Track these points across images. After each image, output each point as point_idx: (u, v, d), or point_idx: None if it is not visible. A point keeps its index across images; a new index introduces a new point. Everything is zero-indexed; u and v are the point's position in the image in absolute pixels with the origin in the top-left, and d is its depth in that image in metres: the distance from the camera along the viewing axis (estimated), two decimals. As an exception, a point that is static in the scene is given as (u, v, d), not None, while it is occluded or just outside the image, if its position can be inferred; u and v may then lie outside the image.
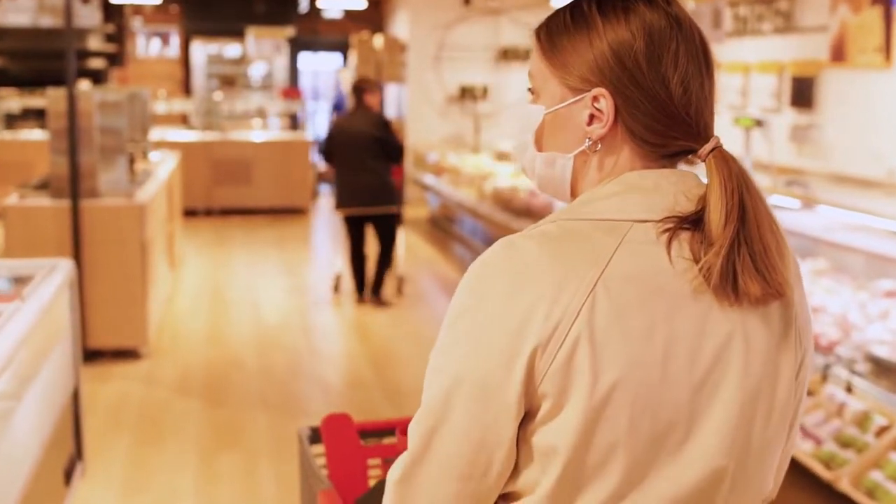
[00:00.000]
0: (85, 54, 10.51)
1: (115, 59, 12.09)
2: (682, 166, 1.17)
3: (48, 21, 10.36)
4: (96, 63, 10.97)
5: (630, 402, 1.05)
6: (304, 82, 15.55)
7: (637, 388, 1.05)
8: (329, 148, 6.76)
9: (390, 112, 12.98)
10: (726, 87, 8.46)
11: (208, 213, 10.76)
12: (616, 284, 1.06)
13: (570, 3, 1.19)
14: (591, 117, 1.14)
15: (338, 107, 13.43)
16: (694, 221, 1.09)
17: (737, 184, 1.10)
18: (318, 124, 15.20)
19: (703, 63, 1.14)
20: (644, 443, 1.06)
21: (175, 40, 14.43)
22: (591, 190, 1.15)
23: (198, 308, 6.76)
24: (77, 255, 5.27)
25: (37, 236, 5.33)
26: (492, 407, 1.07)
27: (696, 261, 1.08)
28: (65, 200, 5.32)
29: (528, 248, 1.09)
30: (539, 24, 1.21)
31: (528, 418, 1.08)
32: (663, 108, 1.12)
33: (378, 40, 11.84)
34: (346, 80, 12.75)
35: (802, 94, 7.51)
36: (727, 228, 1.07)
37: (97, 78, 10.93)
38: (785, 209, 4.70)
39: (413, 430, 1.13)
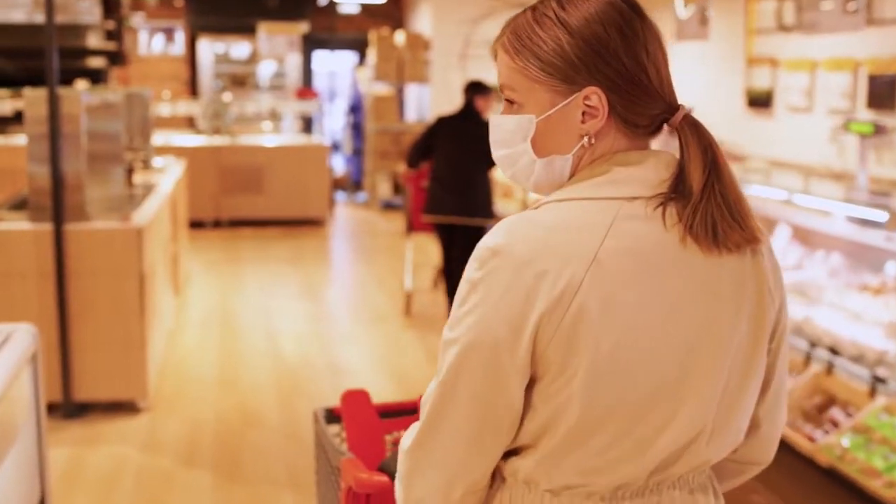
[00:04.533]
0: (83, 52, 9.81)
1: (116, 58, 11.31)
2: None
3: (44, 18, 9.60)
4: (95, 62, 10.23)
5: (627, 366, 1.15)
6: (319, 82, 14.62)
7: (633, 351, 1.15)
8: (427, 147, 6.20)
9: (411, 115, 12.19)
10: (789, 87, 7.69)
11: (216, 224, 9.93)
12: (613, 257, 1.15)
13: (531, 13, 1.24)
14: (584, 114, 1.22)
15: (355, 109, 12.56)
16: (677, 190, 1.19)
17: (708, 143, 1.22)
18: (335, 127, 14.31)
19: (660, 40, 1.24)
20: (638, 400, 1.17)
21: (180, 37, 13.58)
22: (583, 170, 1.23)
23: (206, 343, 5.84)
24: (61, 289, 4.36)
25: (13, 267, 4.41)
26: (501, 372, 1.15)
27: (684, 224, 1.18)
28: (46, 224, 4.41)
29: (532, 227, 1.18)
30: (505, 38, 1.25)
31: (531, 382, 1.18)
32: (647, 92, 1.21)
33: (399, 37, 11.07)
34: (364, 80, 11.93)
35: (882, 94, 6.72)
36: (704, 180, 1.18)
37: (96, 78, 10.22)
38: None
39: (427, 399, 1.21)
